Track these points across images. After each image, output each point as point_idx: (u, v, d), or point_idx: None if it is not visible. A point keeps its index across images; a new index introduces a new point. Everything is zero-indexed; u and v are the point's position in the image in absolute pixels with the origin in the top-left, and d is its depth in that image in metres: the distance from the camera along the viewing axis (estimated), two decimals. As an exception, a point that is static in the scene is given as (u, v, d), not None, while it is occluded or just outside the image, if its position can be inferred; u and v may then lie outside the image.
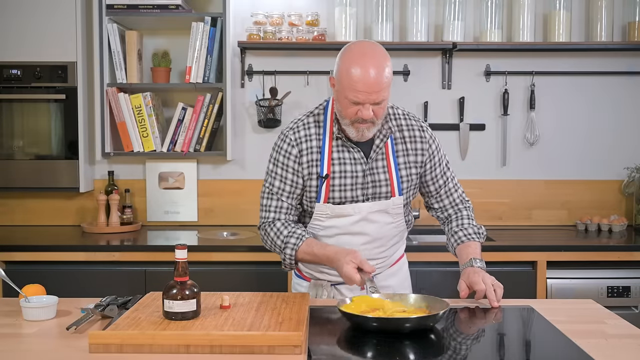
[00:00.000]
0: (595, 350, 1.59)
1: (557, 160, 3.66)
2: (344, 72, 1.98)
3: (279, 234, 2.12)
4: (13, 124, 3.38)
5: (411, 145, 2.16)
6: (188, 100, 3.54)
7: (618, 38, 3.57)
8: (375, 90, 1.95)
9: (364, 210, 2.11)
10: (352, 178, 2.10)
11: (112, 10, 3.35)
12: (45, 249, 3.03)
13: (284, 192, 2.14)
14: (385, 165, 2.12)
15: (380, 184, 2.12)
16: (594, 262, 3.07)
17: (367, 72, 1.94)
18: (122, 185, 3.58)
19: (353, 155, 2.10)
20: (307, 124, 2.14)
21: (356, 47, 2.02)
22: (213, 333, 1.61)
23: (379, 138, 2.11)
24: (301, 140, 2.11)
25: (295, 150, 2.11)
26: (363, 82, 1.94)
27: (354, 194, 2.10)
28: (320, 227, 2.14)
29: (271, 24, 3.50)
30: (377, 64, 1.96)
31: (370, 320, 1.72)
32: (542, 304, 2.05)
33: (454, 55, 3.60)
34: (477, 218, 3.57)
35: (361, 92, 1.95)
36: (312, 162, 2.10)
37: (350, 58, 1.98)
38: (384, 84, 1.97)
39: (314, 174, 2.10)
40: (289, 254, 2.10)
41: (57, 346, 1.66)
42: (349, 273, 1.93)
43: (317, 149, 2.11)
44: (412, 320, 1.72)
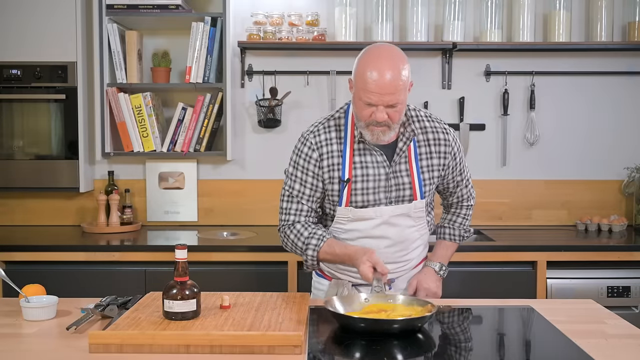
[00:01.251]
0: (595, 350, 1.59)
1: (557, 160, 3.66)
2: (360, 73, 1.98)
3: (299, 235, 2.12)
4: (13, 124, 3.38)
5: (435, 148, 2.16)
6: (188, 100, 3.54)
7: (618, 38, 3.57)
8: (388, 92, 1.94)
9: (385, 214, 2.10)
10: (375, 182, 2.09)
11: (112, 10, 3.35)
12: (45, 249, 3.03)
13: (304, 195, 2.13)
14: (408, 169, 2.12)
15: (404, 187, 2.11)
16: (594, 262, 3.07)
17: (381, 73, 1.94)
18: (122, 185, 3.58)
19: (375, 158, 2.10)
20: (327, 127, 2.13)
21: (373, 49, 2.03)
22: (213, 333, 1.61)
23: (402, 141, 2.11)
24: (321, 144, 2.11)
25: (315, 154, 2.10)
26: (376, 83, 1.94)
27: (377, 197, 2.09)
28: (342, 231, 2.14)
29: (271, 24, 3.50)
30: (392, 66, 1.96)
31: (357, 321, 1.72)
32: (542, 304, 2.06)
33: (454, 55, 3.60)
34: (477, 218, 3.61)
35: (374, 94, 1.95)
36: (333, 165, 2.10)
37: (366, 60, 1.99)
38: (399, 86, 1.96)
39: (335, 178, 2.09)
40: (310, 255, 2.10)
41: (57, 346, 1.67)
42: (365, 272, 1.96)
43: (338, 152, 2.10)
44: (399, 322, 1.71)
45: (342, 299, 1.90)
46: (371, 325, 1.71)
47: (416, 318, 1.73)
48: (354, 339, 1.71)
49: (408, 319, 1.72)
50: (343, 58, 3.58)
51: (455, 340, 1.77)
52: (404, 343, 1.66)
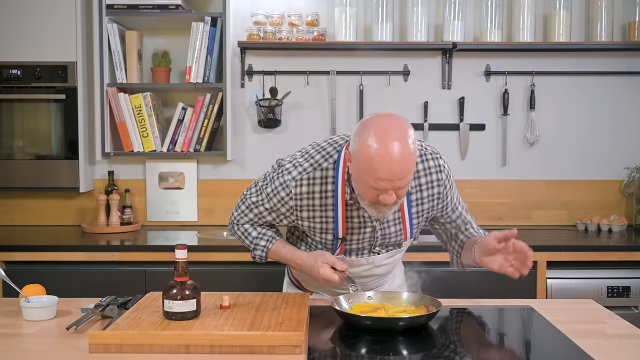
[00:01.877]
0: (595, 350, 1.59)
1: (557, 160, 3.66)
2: (364, 155, 1.74)
3: (247, 234, 2.12)
4: (13, 124, 3.38)
5: (427, 192, 2.01)
6: (188, 100, 3.54)
7: (618, 38, 3.57)
8: (399, 177, 1.74)
9: (376, 261, 2.07)
10: (360, 235, 2.00)
11: (112, 10, 3.35)
12: (45, 249, 3.03)
13: (263, 218, 2.07)
14: (397, 218, 2.00)
15: (390, 236, 2.03)
16: (594, 262, 3.06)
17: (391, 158, 1.71)
18: (122, 185, 3.58)
19: (363, 214, 1.96)
20: (311, 180, 1.94)
21: (377, 125, 1.76)
22: (213, 333, 1.61)
23: None
24: (302, 197, 1.95)
25: (292, 203, 1.96)
26: (388, 170, 1.71)
27: (360, 245, 2.03)
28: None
29: (271, 24, 3.50)
30: (402, 145, 1.72)
31: (363, 319, 1.74)
32: (542, 304, 2.06)
33: (454, 55, 3.60)
34: (477, 218, 3.56)
35: (384, 180, 1.73)
36: (314, 218, 1.97)
37: (373, 137, 1.73)
38: (410, 168, 1.76)
39: (319, 229, 1.99)
40: (259, 255, 2.10)
41: (57, 346, 1.67)
42: (327, 274, 1.93)
43: (321, 207, 1.95)
44: (405, 320, 1.73)
45: (348, 298, 1.91)
46: (377, 323, 1.72)
47: (421, 316, 1.74)
48: (353, 338, 1.71)
49: (413, 316, 1.74)
50: (343, 58, 3.58)
51: (455, 339, 1.77)
52: (407, 341, 1.66)
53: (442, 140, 3.62)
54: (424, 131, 3.60)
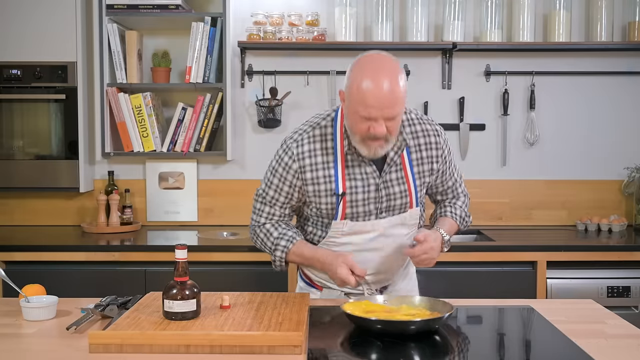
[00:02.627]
0: (595, 350, 1.59)
1: (557, 160, 3.66)
2: (355, 86, 1.86)
3: (268, 235, 2.11)
4: (13, 124, 3.38)
5: (426, 152, 2.08)
6: (188, 100, 3.54)
7: (618, 38, 3.57)
8: (388, 105, 1.84)
9: (382, 227, 2.05)
10: (364, 193, 2.02)
11: (112, 10, 3.35)
12: (45, 249, 3.03)
13: (277, 202, 2.10)
14: (400, 177, 2.04)
15: (394, 197, 2.04)
16: (594, 262, 3.06)
17: (379, 86, 1.82)
18: (122, 185, 3.58)
19: (364, 169, 2.02)
20: (312, 137, 2.03)
21: (367, 60, 1.90)
22: (213, 333, 1.61)
23: (392, 150, 2.01)
24: (304, 155, 2.02)
25: (295, 165, 2.02)
26: (376, 96, 1.83)
27: (367, 209, 2.03)
28: (335, 244, 2.08)
29: (271, 24, 3.50)
30: (390, 76, 1.84)
31: (374, 323, 1.70)
32: (542, 304, 2.05)
33: (454, 55, 3.60)
34: (477, 218, 3.61)
35: (373, 108, 1.83)
36: (318, 178, 2.02)
37: (361, 71, 1.86)
38: (398, 98, 1.85)
39: (322, 191, 2.02)
40: (279, 256, 2.08)
41: (57, 346, 1.67)
42: (344, 275, 1.93)
43: (324, 164, 2.01)
44: (416, 323, 1.70)
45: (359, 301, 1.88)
46: (387, 327, 1.70)
47: (433, 319, 1.71)
48: (353, 338, 1.71)
49: (425, 320, 1.71)
50: (343, 58, 3.58)
51: (457, 341, 1.77)
52: (412, 344, 1.66)
53: (442, 140, 3.61)
54: (424, 131, 3.60)
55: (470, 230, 3.49)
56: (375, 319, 1.71)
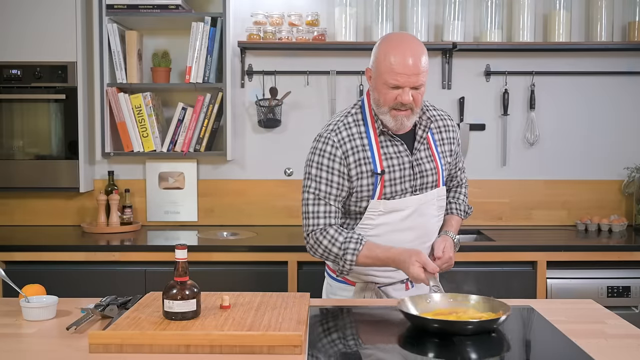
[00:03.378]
0: (595, 350, 1.59)
1: (557, 160, 3.66)
2: (383, 58, 2.02)
3: (334, 241, 2.08)
4: (13, 124, 3.38)
5: (446, 134, 2.23)
6: (188, 100, 3.54)
7: (618, 38, 3.57)
8: (414, 72, 1.99)
9: (414, 204, 2.13)
10: (401, 171, 2.11)
11: (112, 10, 3.35)
12: (45, 249, 3.03)
13: (331, 196, 2.10)
14: (429, 155, 2.16)
15: (427, 174, 2.14)
16: (594, 262, 3.06)
17: (405, 55, 1.99)
18: (122, 185, 3.58)
19: (397, 148, 2.12)
20: (347, 124, 2.13)
21: (394, 36, 2.10)
22: (213, 333, 1.61)
23: (420, 129, 2.14)
24: (344, 140, 2.10)
25: (339, 152, 2.09)
26: (403, 64, 1.99)
27: (403, 186, 2.11)
28: (371, 226, 2.12)
29: (271, 24, 3.50)
30: (415, 49, 2.01)
31: (431, 322, 1.73)
32: (542, 304, 2.05)
33: (454, 55, 3.60)
34: (477, 218, 3.62)
35: (401, 75, 1.99)
36: (360, 160, 2.09)
37: (388, 45, 2.04)
38: (423, 68, 2.01)
39: (364, 172, 2.09)
40: (349, 259, 2.06)
41: (57, 346, 1.66)
42: (416, 273, 1.98)
43: (362, 147, 2.10)
44: (473, 324, 1.71)
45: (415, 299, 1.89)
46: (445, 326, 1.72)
47: (489, 320, 1.73)
48: (353, 338, 1.70)
49: (482, 321, 1.72)
50: (343, 58, 3.58)
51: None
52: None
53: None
54: (424, 131, 3.60)
55: (470, 230, 3.49)
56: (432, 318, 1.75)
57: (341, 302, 2.13)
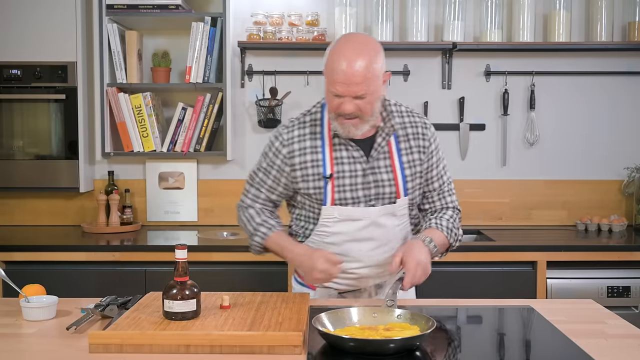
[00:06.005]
0: (595, 350, 1.59)
1: (557, 160, 3.66)
2: (328, 63, 1.94)
3: (250, 220, 2.14)
4: (13, 124, 3.38)
5: (414, 142, 2.09)
6: (188, 100, 3.54)
7: (618, 38, 3.57)
8: (354, 82, 1.87)
9: (372, 215, 2.03)
10: (351, 178, 2.02)
11: (112, 10, 3.35)
12: (45, 249, 3.03)
13: (265, 185, 2.14)
14: (388, 165, 2.05)
15: (383, 184, 2.04)
16: (594, 262, 3.06)
17: (347, 63, 1.86)
18: (122, 185, 3.58)
19: (352, 154, 2.03)
20: (302, 123, 2.10)
21: (343, 38, 1.98)
22: (213, 333, 1.61)
23: (380, 136, 2.04)
24: (293, 140, 2.07)
25: (285, 150, 2.07)
26: (343, 73, 1.87)
27: (355, 194, 2.03)
28: (327, 234, 2.06)
29: (271, 24, 3.50)
30: (360, 54, 1.87)
31: (346, 341, 1.57)
32: (542, 304, 2.05)
33: (454, 55, 3.60)
34: (477, 218, 3.61)
35: (340, 84, 1.88)
36: (306, 163, 2.04)
37: (334, 49, 1.93)
38: (366, 76, 1.87)
39: (310, 175, 2.04)
40: (257, 241, 2.11)
41: (57, 346, 1.66)
42: (325, 267, 1.92)
43: (313, 148, 2.05)
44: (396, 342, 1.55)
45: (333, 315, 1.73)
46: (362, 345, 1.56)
47: (413, 337, 1.57)
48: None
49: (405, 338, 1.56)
50: (343, 58, 3.57)
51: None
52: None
53: (442, 140, 3.55)
54: (424, 131, 3.60)
55: (470, 230, 3.49)
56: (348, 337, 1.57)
57: (341, 302, 2.13)
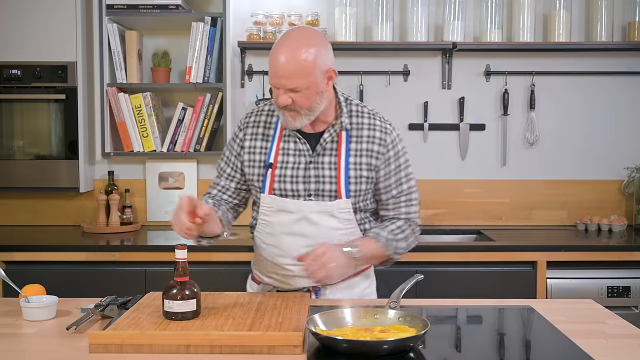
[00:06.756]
0: (595, 350, 1.59)
1: (557, 160, 3.66)
2: (269, 56, 1.93)
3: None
4: (13, 124, 3.38)
5: (367, 145, 2.02)
6: (188, 100, 3.54)
7: (618, 38, 3.57)
8: (284, 75, 1.87)
9: (304, 209, 2.00)
10: (293, 170, 2.01)
11: (112, 10, 3.35)
12: (45, 249, 3.03)
13: (224, 173, 2.15)
14: (332, 162, 2.01)
15: (323, 180, 2.00)
16: (594, 262, 3.06)
17: (279, 56, 1.87)
18: (122, 185, 3.58)
19: (298, 146, 2.03)
20: (261, 111, 2.12)
21: (287, 32, 1.96)
22: (213, 333, 1.61)
23: (328, 132, 2.01)
24: (249, 124, 2.10)
25: (241, 134, 2.11)
26: (276, 66, 1.88)
27: (295, 187, 2.01)
28: (266, 223, 2.06)
29: (271, 24, 3.50)
30: (293, 48, 1.87)
31: (340, 342, 1.55)
32: (542, 304, 2.05)
33: (454, 55, 3.60)
34: (477, 218, 3.61)
35: (273, 77, 1.90)
36: (255, 148, 2.07)
37: (276, 43, 1.93)
38: (296, 70, 1.86)
39: (255, 162, 2.06)
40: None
41: (57, 346, 1.66)
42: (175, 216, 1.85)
43: (263, 136, 2.07)
44: (389, 342, 1.53)
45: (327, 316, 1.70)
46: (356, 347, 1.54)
47: (406, 338, 1.55)
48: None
49: (397, 339, 1.54)
50: (343, 58, 3.57)
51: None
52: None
53: (442, 140, 3.62)
54: (424, 131, 3.60)
55: (470, 230, 3.50)
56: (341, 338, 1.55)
57: (341, 302, 2.13)
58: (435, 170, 3.60)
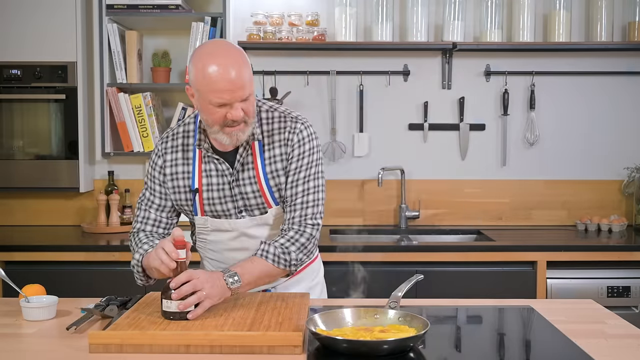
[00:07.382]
0: (595, 350, 1.59)
1: (557, 160, 3.66)
2: (200, 75, 1.81)
3: (140, 244, 1.98)
4: (13, 124, 3.38)
5: (278, 150, 1.98)
6: (188, 101, 3.54)
7: (618, 38, 3.57)
8: (238, 86, 1.81)
9: (240, 227, 2.00)
10: (219, 191, 1.99)
11: (112, 10, 3.35)
12: (45, 249, 3.03)
13: (153, 204, 2.05)
14: (252, 176, 1.98)
15: (249, 197, 1.98)
16: (594, 262, 3.07)
17: (226, 69, 1.79)
18: (122, 185, 3.58)
19: (218, 166, 1.98)
20: (176, 134, 2.03)
21: (204, 48, 1.86)
22: (213, 333, 1.61)
23: (242, 146, 1.96)
24: (167, 151, 2.02)
25: (160, 161, 2.02)
26: (225, 80, 1.79)
27: (225, 207, 2.00)
28: (206, 241, 2.07)
29: (271, 24, 3.50)
30: (234, 58, 1.82)
31: (340, 342, 1.54)
32: (542, 304, 2.05)
33: (454, 55, 3.60)
34: (477, 218, 3.61)
35: (227, 92, 1.80)
36: (177, 174, 2.01)
37: (202, 60, 1.81)
38: (245, 77, 1.83)
39: (180, 187, 2.01)
40: (136, 258, 1.95)
41: (57, 346, 1.66)
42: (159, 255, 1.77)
43: (183, 160, 2.01)
44: (389, 342, 1.53)
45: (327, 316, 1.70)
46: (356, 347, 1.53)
47: (406, 338, 1.54)
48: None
49: (398, 339, 1.54)
50: (343, 58, 3.58)
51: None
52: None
53: (442, 140, 3.62)
54: (423, 131, 3.60)
55: (470, 230, 3.50)
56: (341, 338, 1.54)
57: (342, 302, 2.13)
58: (435, 170, 3.60)
